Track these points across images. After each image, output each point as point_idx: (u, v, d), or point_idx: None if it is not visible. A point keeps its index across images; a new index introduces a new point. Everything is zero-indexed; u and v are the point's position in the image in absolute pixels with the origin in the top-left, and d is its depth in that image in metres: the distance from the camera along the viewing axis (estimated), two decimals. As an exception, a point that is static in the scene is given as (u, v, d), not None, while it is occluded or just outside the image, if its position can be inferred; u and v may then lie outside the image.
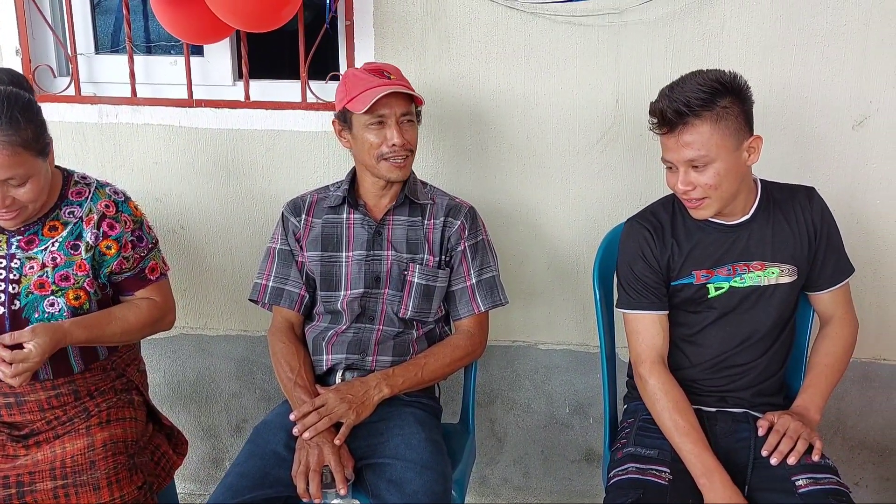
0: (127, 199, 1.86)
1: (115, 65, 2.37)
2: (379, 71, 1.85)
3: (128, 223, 1.82)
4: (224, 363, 2.55)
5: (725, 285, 1.78)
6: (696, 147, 1.63)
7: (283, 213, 1.99)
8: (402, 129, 1.83)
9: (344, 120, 1.88)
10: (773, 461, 1.66)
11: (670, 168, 1.72)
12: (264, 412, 1.91)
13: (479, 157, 2.31)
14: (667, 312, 1.83)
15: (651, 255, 1.81)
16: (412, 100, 1.87)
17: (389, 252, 1.91)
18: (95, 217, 1.78)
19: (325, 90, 2.28)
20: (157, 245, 1.91)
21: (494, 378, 2.50)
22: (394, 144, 1.82)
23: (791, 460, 1.65)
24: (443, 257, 1.94)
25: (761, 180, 1.81)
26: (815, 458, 1.66)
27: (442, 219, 1.94)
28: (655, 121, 1.68)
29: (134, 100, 2.32)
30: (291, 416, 1.78)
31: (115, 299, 1.88)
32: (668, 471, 1.68)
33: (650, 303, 1.81)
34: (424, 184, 2.02)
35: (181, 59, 2.30)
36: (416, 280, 1.91)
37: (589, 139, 2.26)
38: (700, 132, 1.62)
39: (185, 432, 2.06)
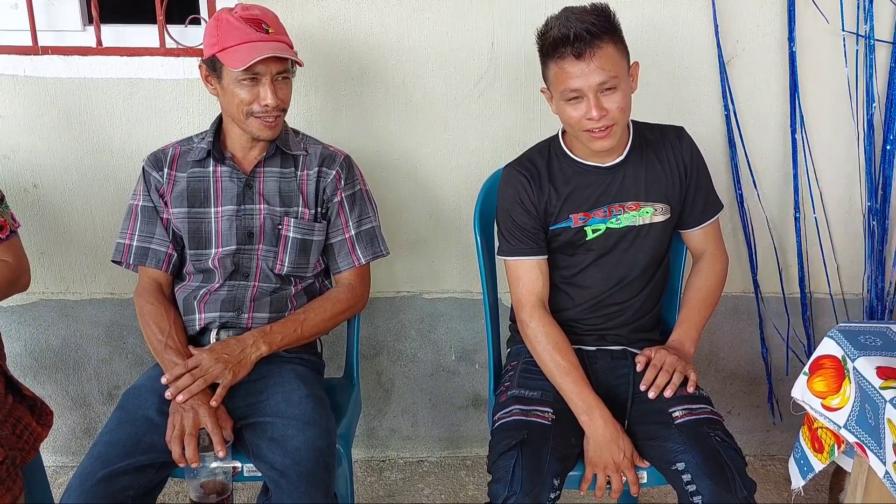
0: None
1: (-54, 9, 2.15)
2: (257, 22, 1.71)
3: None
4: (91, 328, 2.41)
5: (602, 227, 1.80)
6: (607, 69, 1.61)
7: (143, 168, 1.86)
8: (276, 88, 1.73)
9: (213, 67, 1.75)
10: (651, 395, 1.71)
11: (574, 99, 1.66)
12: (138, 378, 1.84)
13: (355, 104, 2.23)
14: (546, 257, 1.84)
15: (529, 200, 1.80)
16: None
17: (262, 206, 1.83)
18: None
19: (186, 35, 2.14)
20: (3, 200, 1.77)
21: (380, 330, 2.47)
22: (266, 104, 1.72)
23: (667, 393, 1.70)
24: (319, 209, 1.87)
25: (632, 121, 1.82)
26: (690, 389, 1.72)
27: (316, 169, 1.86)
28: (564, 49, 1.61)
29: (-30, 47, 2.12)
30: (163, 380, 1.70)
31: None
32: (551, 411, 1.70)
33: (529, 248, 1.81)
34: (297, 132, 1.93)
35: (22, 3, 2.10)
36: (291, 234, 1.84)
37: (466, 84, 2.23)
38: (608, 53, 1.62)
39: (52, 403, 1.96)
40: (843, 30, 2.18)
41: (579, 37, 1.59)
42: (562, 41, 1.62)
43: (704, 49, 2.21)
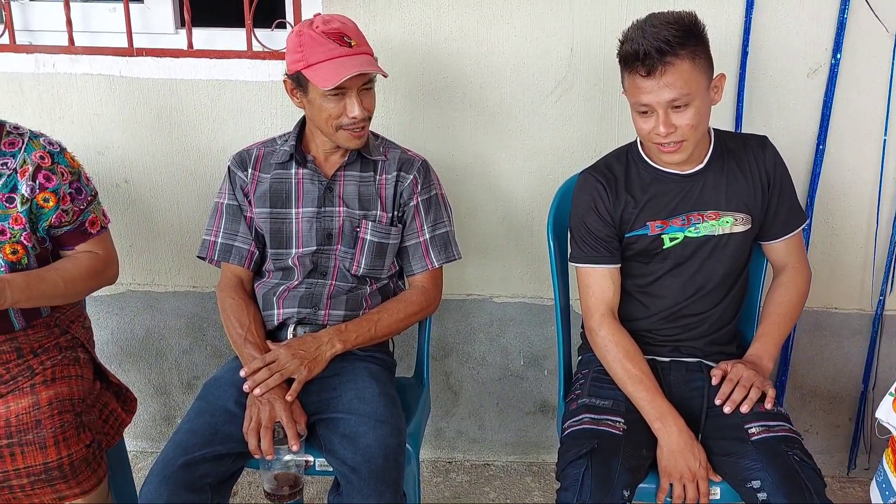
0: (62, 149, 1.78)
1: (50, 12, 2.26)
2: (339, 36, 1.73)
3: (65, 175, 1.75)
4: (173, 320, 2.50)
5: (680, 235, 1.77)
6: (678, 86, 1.59)
7: (229, 168, 1.92)
8: (362, 99, 1.76)
9: (298, 83, 1.78)
10: (727, 409, 1.67)
11: (644, 113, 1.66)
12: (216, 369, 1.89)
13: (432, 108, 2.26)
14: (619, 266, 1.82)
15: (604, 208, 1.79)
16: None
17: (341, 209, 1.87)
18: (30, 168, 1.71)
19: (272, 38, 2.20)
20: (96, 197, 1.85)
21: (449, 332, 2.49)
22: (354, 117, 1.76)
23: (744, 409, 1.66)
24: (395, 213, 1.90)
25: (714, 129, 1.80)
26: (768, 406, 1.68)
27: (395, 174, 1.89)
28: (634, 64, 1.61)
29: (71, 48, 2.23)
30: (242, 373, 1.75)
31: (54, 254, 1.81)
32: (623, 420, 1.69)
33: (602, 256, 1.80)
34: (376, 136, 1.96)
35: (120, 6, 2.20)
36: (368, 237, 1.87)
37: (543, 89, 2.23)
38: (681, 70, 1.59)
39: (134, 390, 2.02)
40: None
41: (649, 54, 1.57)
42: (633, 56, 1.61)
43: (790, 56, 2.16)
